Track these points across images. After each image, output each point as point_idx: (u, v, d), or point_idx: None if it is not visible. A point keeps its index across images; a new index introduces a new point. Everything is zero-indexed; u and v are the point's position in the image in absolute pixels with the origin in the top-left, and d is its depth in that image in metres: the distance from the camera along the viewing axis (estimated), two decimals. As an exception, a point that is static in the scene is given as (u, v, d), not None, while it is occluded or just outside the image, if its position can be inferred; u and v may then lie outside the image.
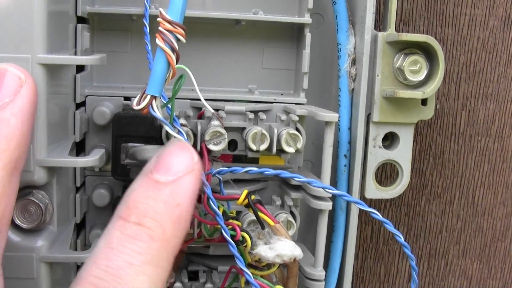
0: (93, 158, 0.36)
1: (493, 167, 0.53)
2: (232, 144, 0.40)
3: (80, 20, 0.40)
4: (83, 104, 0.41)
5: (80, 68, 0.41)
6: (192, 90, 0.39)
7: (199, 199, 0.36)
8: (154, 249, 0.26)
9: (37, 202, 0.36)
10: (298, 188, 0.42)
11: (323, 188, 0.34)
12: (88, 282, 0.25)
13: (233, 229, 0.34)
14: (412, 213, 0.53)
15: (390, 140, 0.44)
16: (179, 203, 0.28)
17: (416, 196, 0.53)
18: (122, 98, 0.41)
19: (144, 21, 0.36)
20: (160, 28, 0.32)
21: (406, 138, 0.43)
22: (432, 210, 0.54)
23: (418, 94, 0.41)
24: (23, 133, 0.29)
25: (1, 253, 0.28)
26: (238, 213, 0.40)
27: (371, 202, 0.52)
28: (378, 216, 0.33)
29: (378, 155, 0.43)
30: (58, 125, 0.37)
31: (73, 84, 0.40)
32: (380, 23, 0.47)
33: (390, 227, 0.33)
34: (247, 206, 0.35)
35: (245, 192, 0.35)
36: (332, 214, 0.44)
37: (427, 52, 0.42)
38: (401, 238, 0.34)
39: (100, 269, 0.26)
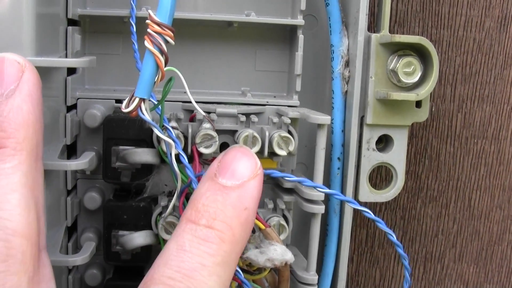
0: (82, 161, 0.36)
1: (489, 170, 0.53)
2: (224, 147, 0.40)
3: (71, 22, 0.40)
4: (74, 106, 0.41)
5: (71, 71, 0.41)
6: (184, 92, 0.39)
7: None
8: (224, 251, 0.28)
9: (26, 205, 0.35)
10: (290, 191, 0.41)
11: (314, 187, 0.34)
12: (162, 283, 0.26)
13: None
14: (408, 217, 0.53)
15: (384, 142, 0.44)
16: (247, 207, 0.29)
17: (411, 199, 0.53)
18: (114, 100, 0.41)
19: (131, 20, 0.36)
20: (148, 30, 0.32)
21: (400, 140, 0.43)
22: (428, 214, 0.53)
23: (411, 96, 0.40)
24: (37, 118, 0.29)
25: (44, 239, 0.29)
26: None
27: (366, 206, 0.51)
28: (370, 214, 0.33)
29: (372, 158, 0.43)
30: (48, 128, 0.37)
31: (64, 86, 0.39)
32: (374, 25, 0.47)
33: (382, 225, 0.33)
34: (238, 209, 0.35)
35: (235, 195, 0.35)
36: (326, 217, 0.44)
37: (421, 53, 0.41)
38: (394, 237, 0.33)
39: (173, 270, 0.27)
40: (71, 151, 0.41)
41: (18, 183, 0.27)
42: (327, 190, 0.34)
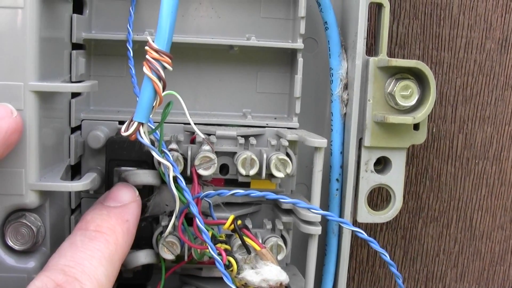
0: (83, 183, 0.37)
1: (491, 190, 0.53)
2: (224, 168, 0.41)
3: (76, 46, 0.41)
4: (79, 127, 0.42)
5: (76, 93, 0.42)
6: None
7: (190, 223, 0.37)
8: (110, 250, 0.33)
9: (29, 224, 0.36)
10: (289, 212, 0.42)
11: (308, 208, 0.35)
12: (58, 269, 0.31)
13: (220, 254, 0.34)
14: (409, 237, 0.53)
15: (382, 164, 0.44)
16: (128, 220, 0.35)
17: (412, 219, 0.53)
18: (117, 122, 0.42)
19: (128, 45, 0.37)
20: (147, 56, 0.33)
21: (398, 162, 0.43)
22: (429, 233, 0.53)
23: (408, 119, 0.41)
24: None
25: None
26: (229, 236, 0.40)
27: (367, 226, 0.52)
28: (363, 235, 0.34)
29: (370, 179, 0.43)
30: (52, 148, 0.38)
31: (68, 108, 0.40)
32: (373, 48, 0.47)
33: (375, 245, 0.34)
34: (234, 231, 0.36)
35: (231, 217, 0.35)
36: (325, 237, 0.44)
37: (418, 77, 0.42)
38: (387, 257, 0.34)
39: (67, 259, 0.31)
40: (76, 171, 0.42)
41: None
42: (321, 212, 0.35)
